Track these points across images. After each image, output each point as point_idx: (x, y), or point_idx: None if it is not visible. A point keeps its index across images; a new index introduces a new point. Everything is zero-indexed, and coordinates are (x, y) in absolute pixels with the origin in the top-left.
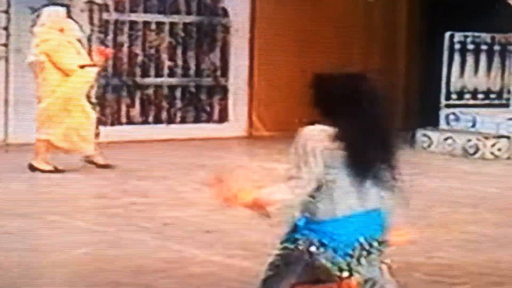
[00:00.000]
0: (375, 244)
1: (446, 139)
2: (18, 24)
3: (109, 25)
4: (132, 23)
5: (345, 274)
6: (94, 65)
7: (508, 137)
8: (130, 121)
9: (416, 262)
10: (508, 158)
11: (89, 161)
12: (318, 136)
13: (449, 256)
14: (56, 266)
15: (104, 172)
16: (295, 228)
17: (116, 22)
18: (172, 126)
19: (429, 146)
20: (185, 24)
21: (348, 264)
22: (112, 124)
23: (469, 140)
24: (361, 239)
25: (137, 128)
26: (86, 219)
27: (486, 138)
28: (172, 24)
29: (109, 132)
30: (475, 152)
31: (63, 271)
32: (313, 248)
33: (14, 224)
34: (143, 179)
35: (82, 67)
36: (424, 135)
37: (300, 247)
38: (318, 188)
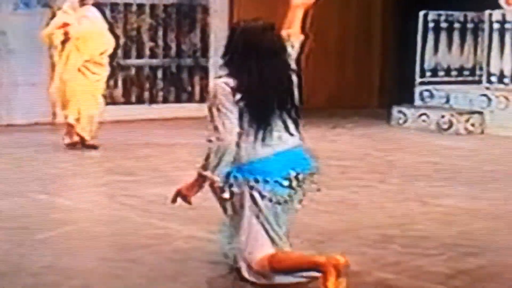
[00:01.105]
0: (305, 175)
1: (420, 115)
2: (0, 7)
3: None
4: (113, 5)
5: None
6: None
7: (481, 113)
8: (113, 101)
9: (392, 235)
10: (481, 133)
11: (74, 142)
12: (224, 89)
13: (424, 228)
14: (43, 243)
15: (88, 151)
16: (227, 176)
17: (97, 4)
18: (154, 106)
19: (404, 122)
20: (165, 5)
21: (289, 195)
22: None
23: (443, 116)
24: (292, 173)
25: (120, 108)
26: (72, 197)
27: (460, 114)
28: (153, 6)
29: None
30: (449, 128)
31: (49, 247)
32: (252, 183)
33: (1, 203)
34: (127, 158)
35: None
36: (400, 111)
37: (239, 188)
38: (239, 136)
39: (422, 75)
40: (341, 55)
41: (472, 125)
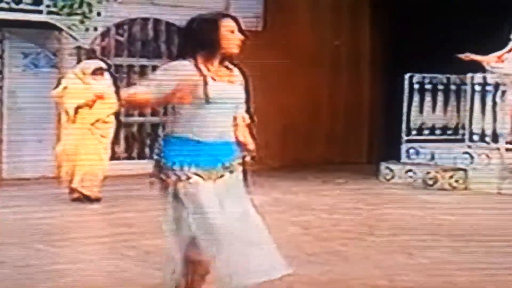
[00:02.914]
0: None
1: (407, 171)
2: (11, 68)
3: None
4: (117, 67)
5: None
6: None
7: (464, 170)
8: (115, 157)
9: (381, 285)
10: (465, 189)
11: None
12: (175, 68)
13: (411, 279)
14: None
15: (91, 204)
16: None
17: (99, 70)
18: None
19: (392, 178)
20: None
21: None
22: None
23: (428, 173)
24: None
25: (122, 163)
26: (74, 248)
27: (444, 170)
28: (155, 67)
29: None
30: (434, 183)
31: None
32: (186, 168)
33: (7, 254)
34: (127, 210)
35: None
36: (387, 168)
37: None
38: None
39: (408, 133)
40: (331, 114)
41: (456, 181)
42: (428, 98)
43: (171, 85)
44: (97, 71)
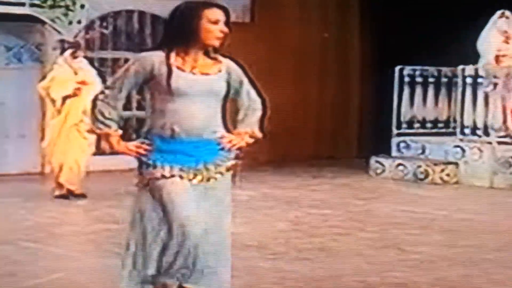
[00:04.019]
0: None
1: (398, 165)
2: None
3: None
4: (102, 60)
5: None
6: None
7: (455, 163)
8: (100, 152)
9: (372, 282)
10: (456, 183)
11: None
12: (143, 58)
13: (403, 275)
14: None
15: (76, 200)
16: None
17: (86, 58)
18: None
19: (382, 172)
20: None
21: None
22: None
23: (419, 166)
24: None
25: (108, 158)
26: (59, 245)
27: (435, 164)
28: None
29: None
30: (425, 178)
31: None
32: (161, 166)
33: None
34: (114, 206)
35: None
36: (378, 162)
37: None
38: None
39: (399, 127)
40: (321, 107)
41: (447, 175)
42: (418, 91)
43: (139, 77)
44: (75, 53)
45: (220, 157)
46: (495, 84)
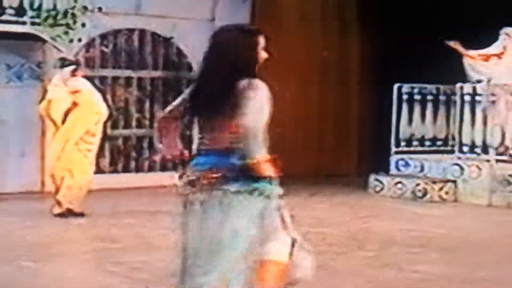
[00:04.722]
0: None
1: (396, 183)
2: None
3: None
4: (102, 78)
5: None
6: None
7: (454, 181)
8: (100, 171)
9: None
10: (454, 200)
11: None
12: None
13: None
14: None
15: (75, 219)
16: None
17: (86, 77)
18: (140, 174)
19: (381, 190)
20: (152, 78)
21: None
22: None
23: (418, 184)
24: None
25: (107, 176)
26: (58, 264)
27: (434, 182)
28: (140, 79)
29: None
30: (424, 195)
31: None
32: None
33: None
34: (112, 225)
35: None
36: (376, 179)
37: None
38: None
39: (397, 144)
40: (321, 125)
41: (446, 193)
42: (417, 109)
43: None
44: (75, 71)
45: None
46: (493, 102)
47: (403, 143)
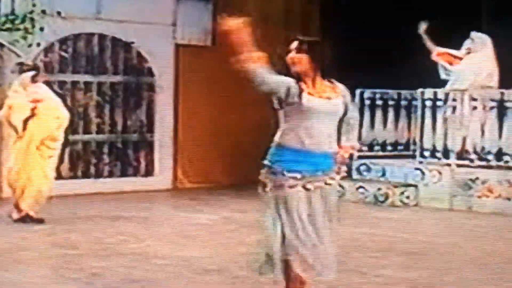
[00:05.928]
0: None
1: (358, 188)
2: None
3: None
4: (61, 83)
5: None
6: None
7: (415, 186)
8: (59, 176)
9: None
10: (416, 205)
11: (22, 217)
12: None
13: None
14: None
15: (34, 225)
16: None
17: (45, 82)
18: (100, 180)
19: (343, 195)
20: (112, 83)
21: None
22: None
23: (380, 189)
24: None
25: (67, 182)
26: (17, 271)
27: (395, 186)
28: (100, 84)
29: None
30: (385, 200)
31: None
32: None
33: None
34: (72, 231)
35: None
36: (338, 185)
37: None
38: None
39: (359, 150)
40: None
41: (407, 197)
42: (379, 114)
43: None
44: (35, 77)
45: (333, 167)
46: (454, 107)
47: (364, 148)
